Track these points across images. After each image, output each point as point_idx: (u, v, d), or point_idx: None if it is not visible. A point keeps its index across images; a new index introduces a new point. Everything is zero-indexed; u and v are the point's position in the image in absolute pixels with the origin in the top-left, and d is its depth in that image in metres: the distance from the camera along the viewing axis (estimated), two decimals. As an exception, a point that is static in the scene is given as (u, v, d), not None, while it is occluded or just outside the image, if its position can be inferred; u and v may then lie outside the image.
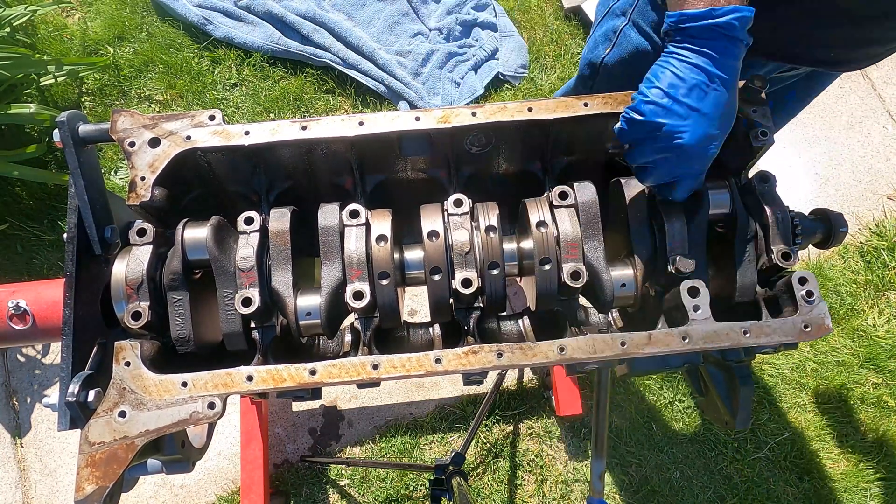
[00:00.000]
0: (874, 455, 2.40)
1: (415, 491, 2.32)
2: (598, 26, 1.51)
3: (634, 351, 0.92)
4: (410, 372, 0.91)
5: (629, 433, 2.42)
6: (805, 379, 2.51)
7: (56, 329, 1.09)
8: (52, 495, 2.31)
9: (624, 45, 1.41)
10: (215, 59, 2.96)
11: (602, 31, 1.47)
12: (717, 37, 0.88)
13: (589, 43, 1.55)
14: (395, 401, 2.46)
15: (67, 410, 0.88)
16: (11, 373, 2.46)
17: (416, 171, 1.15)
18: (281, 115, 2.87)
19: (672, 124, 0.90)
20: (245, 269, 0.94)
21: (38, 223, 2.60)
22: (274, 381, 0.90)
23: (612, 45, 1.44)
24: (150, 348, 0.94)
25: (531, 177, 1.18)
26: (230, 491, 2.31)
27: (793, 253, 0.98)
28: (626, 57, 1.41)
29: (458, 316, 1.01)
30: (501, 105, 1.03)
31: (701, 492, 2.35)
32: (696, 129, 0.90)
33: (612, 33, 1.44)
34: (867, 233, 2.76)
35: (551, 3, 3.19)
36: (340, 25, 2.96)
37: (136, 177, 0.97)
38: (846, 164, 2.89)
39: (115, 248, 1.02)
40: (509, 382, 2.49)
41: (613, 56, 1.45)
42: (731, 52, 0.89)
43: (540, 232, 0.96)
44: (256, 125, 1.01)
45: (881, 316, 2.60)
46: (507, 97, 3.00)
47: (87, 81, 2.87)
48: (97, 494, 0.84)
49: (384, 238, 0.95)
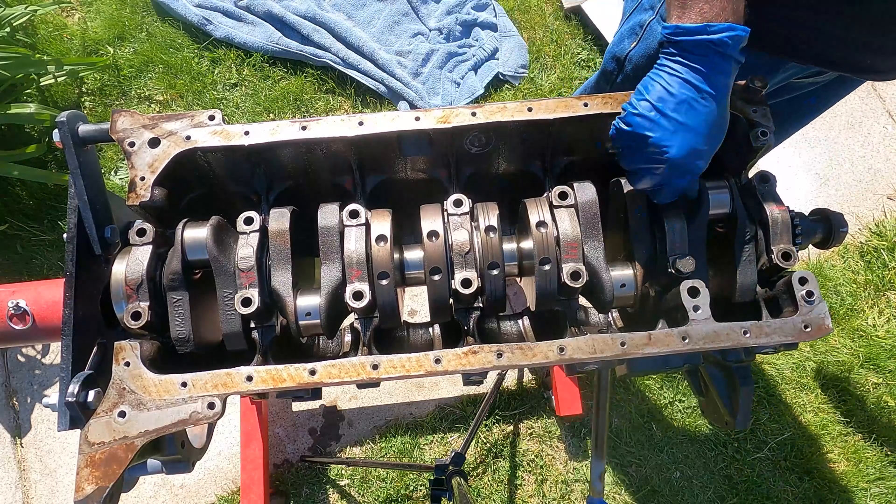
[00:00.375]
0: (874, 455, 2.40)
1: (415, 491, 2.32)
2: (625, 21, 1.50)
3: (634, 351, 0.92)
4: (410, 372, 0.91)
5: (629, 433, 2.42)
6: (805, 379, 2.51)
7: (56, 329, 1.09)
8: (52, 495, 2.31)
9: (650, 39, 1.41)
10: (215, 59, 2.96)
11: (629, 26, 1.47)
12: (710, 53, 0.89)
13: (615, 38, 1.55)
14: (395, 401, 2.46)
15: (67, 410, 0.88)
16: (11, 373, 2.46)
17: (416, 171, 1.15)
18: (281, 115, 2.87)
19: (658, 137, 0.91)
20: (245, 269, 0.94)
21: (38, 223, 2.60)
22: (274, 382, 0.90)
23: (639, 39, 1.44)
24: (149, 348, 0.94)
25: (531, 177, 1.18)
26: (230, 491, 2.31)
27: (793, 253, 0.98)
28: (653, 52, 1.40)
29: (458, 316, 1.01)
30: (501, 105, 1.03)
31: (701, 492, 2.35)
32: (683, 143, 0.91)
33: (638, 28, 1.44)
34: (867, 233, 2.76)
35: (551, 3, 3.19)
36: (340, 25, 2.96)
37: (136, 177, 0.97)
38: (846, 164, 2.89)
39: (115, 248, 1.02)
40: (509, 382, 2.49)
41: (639, 50, 1.45)
42: (723, 69, 0.90)
43: (540, 232, 0.95)
44: (256, 125, 1.01)
45: (881, 316, 2.60)
46: (507, 97, 3.00)
47: (87, 81, 2.87)
48: (97, 494, 0.84)
49: (384, 238, 0.95)
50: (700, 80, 0.90)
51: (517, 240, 1.04)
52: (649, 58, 1.42)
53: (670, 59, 0.92)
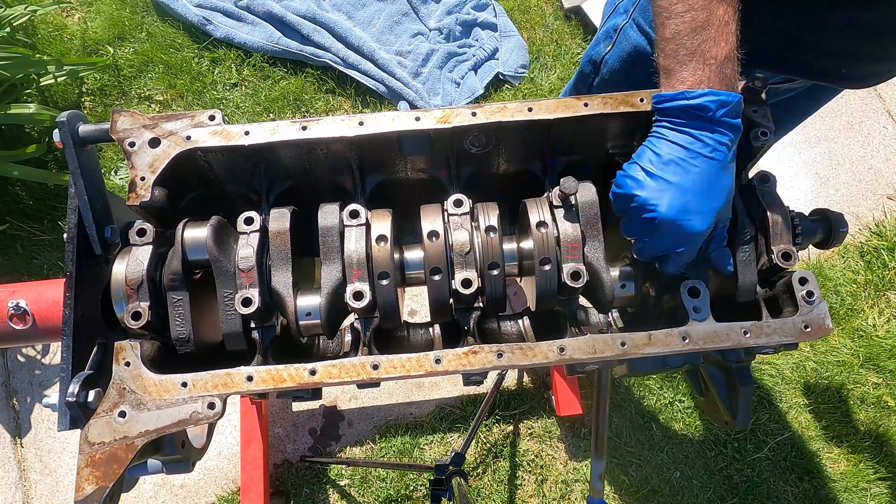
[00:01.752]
0: (874, 455, 2.40)
1: (415, 491, 2.32)
2: (602, 24, 1.51)
3: (634, 351, 0.92)
4: (410, 372, 0.91)
5: (629, 433, 2.42)
6: (805, 379, 2.51)
7: (56, 329, 1.09)
8: (52, 495, 2.31)
9: (623, 43, 1.40)
10: (215, 59, 2.96)
11: (604, 30, 1.48)
12: (693, 118, 0.90)
13: (592, 41, 1.55)
14: (395, 401, 2.46)
15: (67, 410, 0.88)
16: (11, 373, 2.46)
17: (416, 171, 1.15)
18: (281, 115, 2.88)
19: (644, 197, 0.90)
20: (245, 269, 0.94)
21: (38, 223, 2.60)
22: (274, 382, 0.90)
23: (613, 43, 1.44)
24: (150, 348, 0.94)
25: (531, 177, 1.18)
26: (230, 491, 2.31)
27: (793, 253, 0.98)
28: (625, 56, 1.41)
29: (458, 316, 1.01)
30: (501, 105, 1.03)
31: (701, 492, 2.35)
32: (672, 202, 0.89)
33: (612, 31, 1.43)
34: (867, 233, 2.76)
35: (551, 3, 3.19)
36: (340, 25, 2.96)
37: (136, 177, 0.96)
38: (846, 164, 2.89)
39: (115, 248, 1.02)
40: (509, 382, 2.49)
41: (614, 55, 1.45)
42: (713, 130, 0.89)
43: (540, 232, 0.95)
44: (256, 125, 1.01)
45: (881, 316, 2.60)
46: (507, 97, 3.00)
47: (87, 81, 2.87)
48: (97, 494, 0.84)
49: (384, 238, 0.95)
50: (688, 142, 0.90)
51: (517, 240, 1.04)
52: (622, 61, 1.42)
53: (658, 126, 0.94)
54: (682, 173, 0.89)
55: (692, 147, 0.90)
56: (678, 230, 0.90)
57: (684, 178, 0.89)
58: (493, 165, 1.16)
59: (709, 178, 0.90)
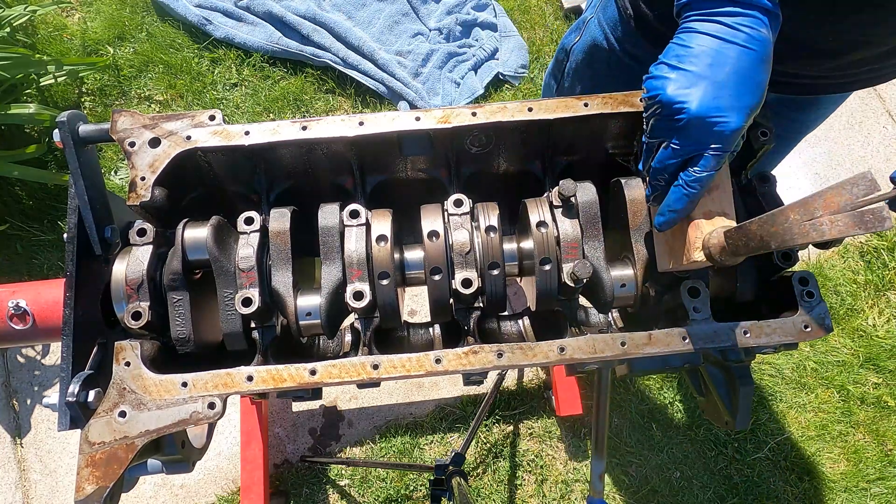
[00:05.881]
0: (874, 455, 2.40)
1: (415, 491, 2.32)
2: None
3: (634, 351, 0.92)
4: (410, 372, 0.91)
5: (629, 433, 2.42)
6: (805, 379, 2.51)
7: (56, 329, 1.09)
8: (52, 495, 2.31)
9: (586, 35, 1.46)
10: (215, 59, 2.96)
11: (578, 20, 1.54)
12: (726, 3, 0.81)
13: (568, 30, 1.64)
14: (395, 401, 2.46)
15: (67, 410, 0.88)
16: (11, 373, 2.46)
17: (417, 170, 1.15)
18: (281, 115, 2.88)
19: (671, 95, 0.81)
20: (245, 269, 0.94)
21: (38, 223, 2.60)
22: (274, 381, 0.90)
23: (581, 34, 1.50)
24: (150, 348, 0.94)
25: (531, 177, 1.18)
26: (230, 491, 2.31)
27: (793, 253, 0.98)
28: (586, 48, 1.46)
29: (459, 316, 1.01)
30: (501, 105, 1.03)
31: (701, 492, 2.35)
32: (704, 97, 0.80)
33: (581, 23, 1.49)
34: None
35: (551, 3, 3.19)
36: (340, 25, 2.96)
37: (136, 177, 0.97)
38: (846, 164, 2.89)
39: (116, 248, 1.02)
40: (509, 382, 2.49)
41: (580, 45, 1.50)
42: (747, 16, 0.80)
43: (540, 232, 0.95)
44: (256, 125, 1.01)
45: (881, 316, 2.60)
46: (507, 97, 3.00)
47: (87, 81, 2.87)
48: (97, 494, 0.84)
49: (384, 238, 0.95)
50: (720, 30, 0.80)
51: (517, 240, 1.04)
52: (584, 52, 1.48)
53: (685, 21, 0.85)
54: (715, 67, 0.80)
55: (725, 35, 0.81)
56: (710, 128, 0.81)
57: (716, 71, 0.80)
58: (493, 165, 1.16)
59: (744, 71, 0.81)
